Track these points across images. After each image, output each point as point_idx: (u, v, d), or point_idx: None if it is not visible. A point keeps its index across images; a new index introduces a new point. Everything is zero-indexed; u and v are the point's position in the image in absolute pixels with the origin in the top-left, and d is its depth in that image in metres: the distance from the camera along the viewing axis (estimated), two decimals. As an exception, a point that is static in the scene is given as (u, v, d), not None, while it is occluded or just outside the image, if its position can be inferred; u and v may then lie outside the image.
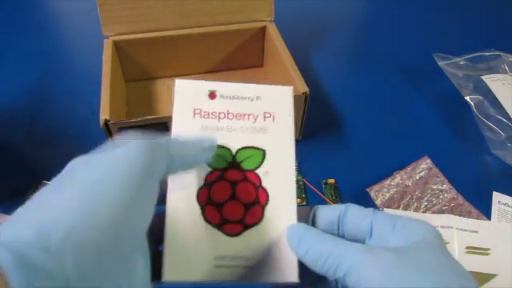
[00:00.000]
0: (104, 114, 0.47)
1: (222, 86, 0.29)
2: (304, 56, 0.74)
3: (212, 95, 0.29)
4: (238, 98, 0.29)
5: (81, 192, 0.19)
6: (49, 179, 0.51)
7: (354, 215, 0.26)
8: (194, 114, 0.28)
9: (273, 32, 0.62)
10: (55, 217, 0.18)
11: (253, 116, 0.29)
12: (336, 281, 0.23)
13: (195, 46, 0.64)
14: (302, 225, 0.26)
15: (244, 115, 0.29)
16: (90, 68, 0.67)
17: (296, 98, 0.52)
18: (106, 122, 0.47)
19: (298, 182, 0.54)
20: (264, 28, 0.64)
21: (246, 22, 0.63)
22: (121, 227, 0.19)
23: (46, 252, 0.17)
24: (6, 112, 0.63)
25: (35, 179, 0.52)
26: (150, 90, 0.66)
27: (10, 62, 0.73)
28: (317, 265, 0.24)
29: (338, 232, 0.27)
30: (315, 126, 0.61)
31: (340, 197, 0.53)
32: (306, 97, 0.52)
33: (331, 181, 0.54)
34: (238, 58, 0.67)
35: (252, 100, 0.29)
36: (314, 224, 0.27)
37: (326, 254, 0.23)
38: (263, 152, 0.28)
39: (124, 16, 0.59)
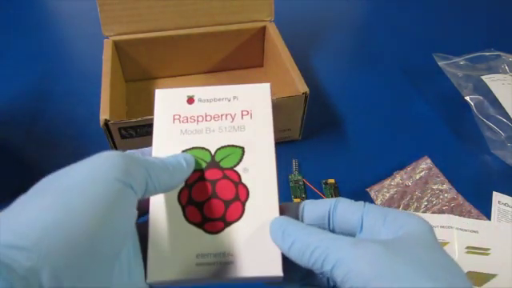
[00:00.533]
0: (104, 114, 0.47)
1: (199, 91, 0.30)
2: (304, 56, 0.74)
3: (190, 100, 0.30)
4: (215, 100, 0.30)
5: (58, 194, 0.20)
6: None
7: (344, 209, 0.26)
8: (174, 119, 0.29)
9: (273, 32, 0.62)
10: (31, 217, 0.19)
11: (230, 115, 0.30)
12: (323, 274, 0.23)
13: (195, 46, 0.64)
14: (286, 217, 0.26)
15: (221, 115, 0.30)
16: (90, 68, 0.67)
17: (296, 98, 0.53)
18: (106, 122, 0.47)
19: (298, 182, 0.54)
20: (264, 28, 0.64)
21: (246, 22, 0.63)
22: (100, 227, 0.19)
23: (18, 251, 0.17)
24: (6, 112, 0.63)
25: (35, 179, 0.52)
26: (150, 90, 0.65)
27: (10, 62, 0.73)
28: (303, 258, 0.23)
29: (328, 227, 0.26)
30: (315, 126, 0.61)
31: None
32: (306, 97, 0.52)
33: (331, 181, 0.54)
34: (238, 58, 0.67)
35: (229, 100, 0.30)
36: (302, 220, 0.27)
37: (313, 247, 0.23)
38: (242, 149, 0.29)
39: (124, 16, 0.59)
